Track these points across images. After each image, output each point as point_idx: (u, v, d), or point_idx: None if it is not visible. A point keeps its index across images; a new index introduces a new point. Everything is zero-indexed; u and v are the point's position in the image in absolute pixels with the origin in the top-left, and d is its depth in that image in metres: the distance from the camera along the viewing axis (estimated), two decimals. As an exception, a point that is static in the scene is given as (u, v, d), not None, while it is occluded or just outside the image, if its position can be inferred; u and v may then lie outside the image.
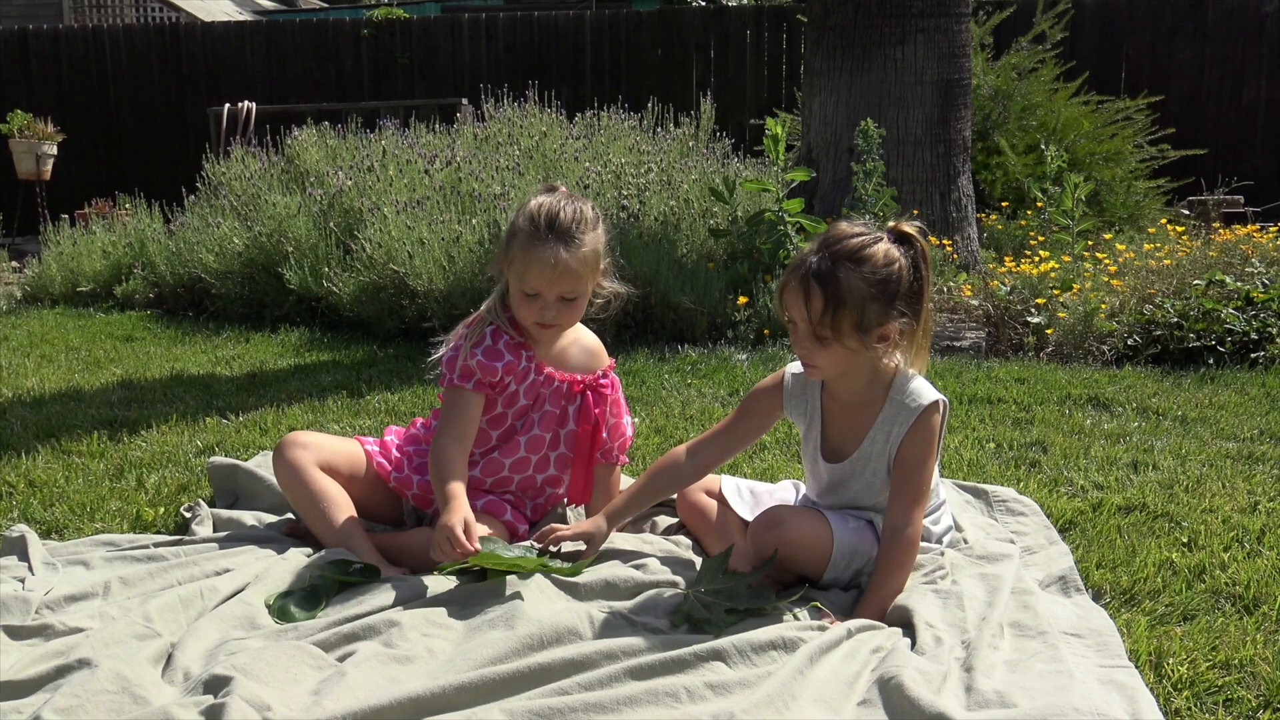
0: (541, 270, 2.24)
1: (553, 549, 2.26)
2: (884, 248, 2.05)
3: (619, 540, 2.35)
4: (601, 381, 2.44)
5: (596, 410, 2.42)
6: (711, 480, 2.42)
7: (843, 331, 2.04)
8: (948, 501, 2.37)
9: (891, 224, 2.11)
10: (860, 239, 2.06)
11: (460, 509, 2.11)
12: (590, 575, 2.11)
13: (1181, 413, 3.45)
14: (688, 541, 2.41)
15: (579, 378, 2.43)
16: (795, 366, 2.25)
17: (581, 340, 2.48)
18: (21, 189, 9.82)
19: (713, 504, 2.40)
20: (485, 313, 2.40)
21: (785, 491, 2.45)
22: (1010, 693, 1.64)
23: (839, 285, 2.01)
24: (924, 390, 2.13)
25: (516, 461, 2.42)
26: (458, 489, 2.17)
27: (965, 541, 2.33)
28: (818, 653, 1.78)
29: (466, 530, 2.07)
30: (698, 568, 2.20)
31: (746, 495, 2.40)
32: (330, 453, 2.43)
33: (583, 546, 2.28)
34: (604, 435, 2.45)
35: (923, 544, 2.21)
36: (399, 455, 2.50)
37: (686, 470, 2.31)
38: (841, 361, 2.10)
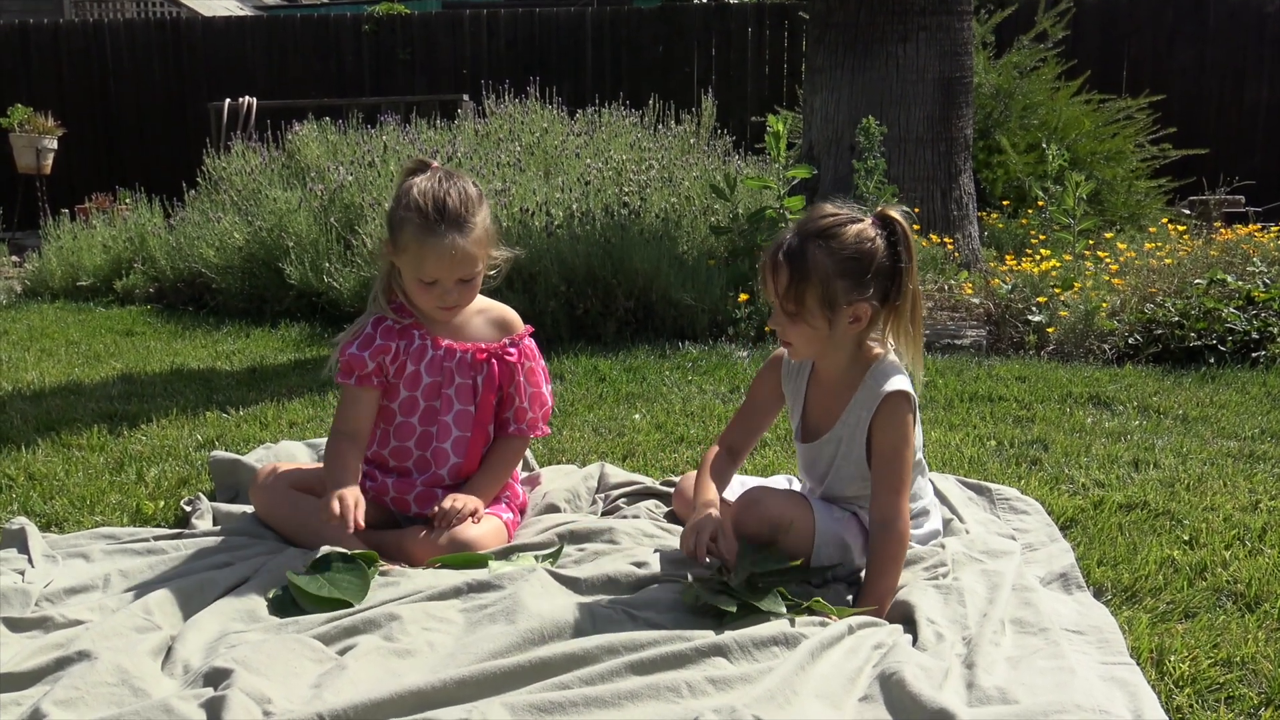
0: (440, 260, 2.24)
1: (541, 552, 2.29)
2: (858, 228, 2.04)
3: (620, 535, 2.34)
4: (509, 350, 2.41)
5: (501, 378, 2.39)
6: None
7: (807, 306, 2.04)
8: (933, 511, 2.33)
9: (880, 208, 2.09)
10: (834, 218, 2.05)
11: (348, 488, 2.21)
12: (591, 570, 2.10)
13: (1182, 411, 3.45)
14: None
15: (482, 346, 2.40)
16: None
17: (487, 311, 2.46)
18: (21, 183, 9.81)
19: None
20: (370, 304, 2.42)
21: (778, 483, 2.45)
22: (1012, 689, 1.64)
23: (804, 259, 2.02)
24: (896, 378, 2.10)
25: (421, 436, 2.41)
26: (346, 494, 2.20)
27: (967, 532, 2.32)
28: (819, 648, 1.78)
29: (348, 501, 2.17)
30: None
31: (736, 486, 2.40)
32: (302, 475, 2.44)
33: (554, 543, 2.31)
34: (522, 404, 2.41)
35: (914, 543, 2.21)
36: (365, 466, 2.47)
37: (724, 459, 2.31)
38: (813, 340, 2.09)
